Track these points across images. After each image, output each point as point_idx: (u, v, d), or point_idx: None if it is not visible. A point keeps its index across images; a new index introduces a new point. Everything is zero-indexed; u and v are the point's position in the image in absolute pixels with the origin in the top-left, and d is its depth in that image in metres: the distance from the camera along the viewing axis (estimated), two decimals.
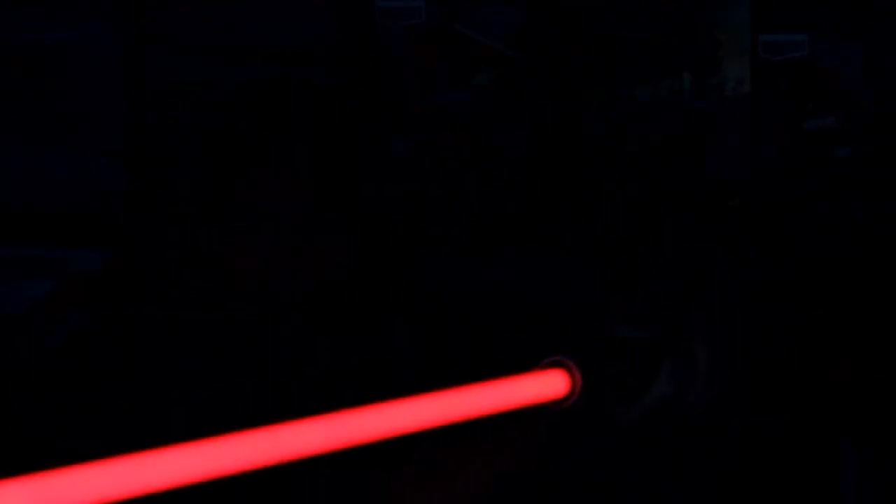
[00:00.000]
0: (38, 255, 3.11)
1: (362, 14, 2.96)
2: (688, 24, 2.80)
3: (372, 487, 1.98)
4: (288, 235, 1.90)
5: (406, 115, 2.92)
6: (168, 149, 3.04)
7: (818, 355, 2.77)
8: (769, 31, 2.75)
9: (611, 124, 2.86)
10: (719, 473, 2.83)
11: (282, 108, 2.03)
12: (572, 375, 1.93)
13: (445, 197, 2.94)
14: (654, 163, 2.85)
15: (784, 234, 2.81)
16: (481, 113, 2.92)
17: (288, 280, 1.92)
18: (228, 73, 3.02)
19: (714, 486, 2.82)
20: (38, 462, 2.97)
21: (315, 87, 2.73)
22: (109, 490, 1.75)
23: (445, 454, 2.04)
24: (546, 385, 1.97)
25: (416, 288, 2.37)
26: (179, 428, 1.82)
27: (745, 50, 2.75)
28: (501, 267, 2.89)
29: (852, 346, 2.74)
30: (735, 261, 2.84)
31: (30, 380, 3.07)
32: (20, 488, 1.71)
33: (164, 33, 3.04)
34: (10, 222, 3.16)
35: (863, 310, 2.74)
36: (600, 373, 1.69)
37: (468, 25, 2.92)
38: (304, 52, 2.96)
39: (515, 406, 1.88)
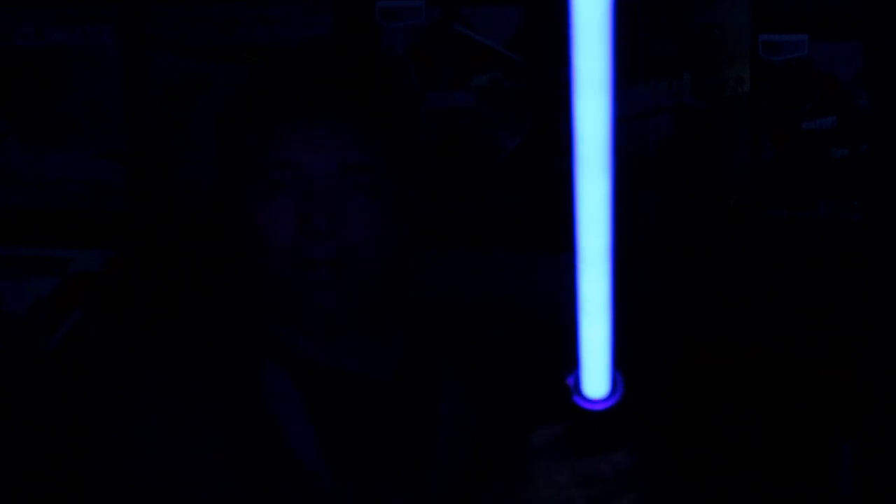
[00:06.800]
0: (39, 254, 3.10)
1: (362, 14, 2.94)
2: (687, 24, 2.79)
3: None
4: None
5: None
6: (169, 148, 3.03)
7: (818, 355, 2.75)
8: (769, 31, 2.74)
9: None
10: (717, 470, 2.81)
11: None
12: None
13: (445, 199, 2.93)
14: (648, 163, 2.83)
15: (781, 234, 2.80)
16: (482, 114, 2.90)
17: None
18: (226, 71, 3.01)
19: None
20: (37, 462, 2.97)
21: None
22: None
23: None
24: None
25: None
26: None
27: (745, 50, 2.74)
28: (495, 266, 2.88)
29: (851, 345, 2.73)
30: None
31: (30, 378, 3.07)
32: None
33: (162, 33, 3.04)
34: (11, 222, 3.16)
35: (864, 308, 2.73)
36: None
37: (468, 26, 2.90)
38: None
39: None
